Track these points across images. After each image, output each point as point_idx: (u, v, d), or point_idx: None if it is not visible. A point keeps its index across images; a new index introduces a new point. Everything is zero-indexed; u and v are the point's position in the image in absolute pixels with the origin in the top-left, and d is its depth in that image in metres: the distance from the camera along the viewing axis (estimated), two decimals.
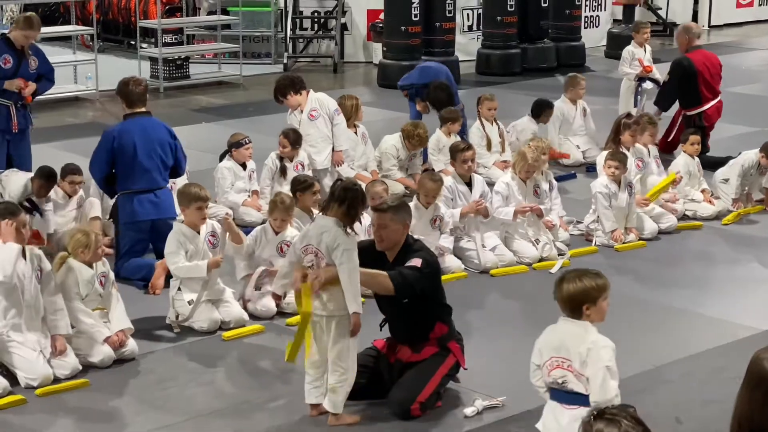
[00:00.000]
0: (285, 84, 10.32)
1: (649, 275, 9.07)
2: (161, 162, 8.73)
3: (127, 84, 8.74)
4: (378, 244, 6.58)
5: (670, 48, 20.71)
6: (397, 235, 6.53)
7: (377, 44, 17.71)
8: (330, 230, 6.24)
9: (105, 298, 7.25)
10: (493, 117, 11.67)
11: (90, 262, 7.19)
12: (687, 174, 10.52)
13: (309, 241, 6.33)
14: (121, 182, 8.64)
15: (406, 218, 6.59)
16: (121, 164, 8.60)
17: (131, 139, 8.57)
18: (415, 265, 6.43)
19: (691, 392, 6.90)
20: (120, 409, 6.64)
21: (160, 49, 16.39)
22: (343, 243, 6.20)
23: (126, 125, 8.67)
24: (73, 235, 7.25)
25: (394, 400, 6.47)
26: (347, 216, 6.27)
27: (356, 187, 6.42)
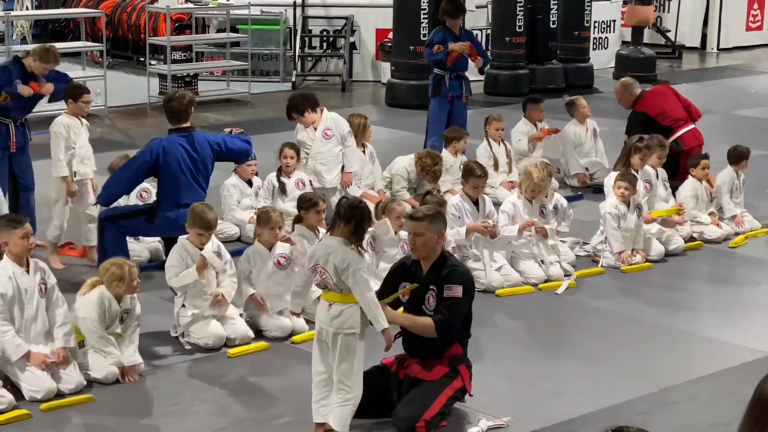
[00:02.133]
0: (302, 101, 10.30)
1: (655, 297, 9.05)
2: (204, 178, 8.77)
3: (169, 100, 8.77)
4: (413, 253, 6.62)
5: (679, 71, 20.76)
6: (432, 244, 6.54)
7: (386, 63, 17.74)
8: (337, 250, 6.24)
9: (123, 330, 7.24)
10: (501, 137, 11.69)
11: (123, 295, 7.16)
12: (695, 198, 10.51)
13: (317, 261, 6.34)
14: (166, 193, 8.63)
15: (441, 228, 6.60)
16: (165, 179, 8.61)
17: (177, 154, 8.58)
18: (455, 296, 6.46)
19: (697, 415, 6.88)
20: (124, 425, 6.63)
21: (169, 66, 16.44)
22: (353, 263, 6.20)
23: (171, 140, 8.66)
24: (107, 268, 7.16)
25: (400, 418, 6.46)
26: (354, 234, 6.28)
27: (362, 205, 6.43)
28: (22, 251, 6.92)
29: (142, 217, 8.68)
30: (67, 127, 9.25)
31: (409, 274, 6.64)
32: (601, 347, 7.94)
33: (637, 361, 7.69)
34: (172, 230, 8.52)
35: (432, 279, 6.55)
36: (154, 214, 8.63)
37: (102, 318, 7.08)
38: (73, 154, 9.24)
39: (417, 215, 6.66)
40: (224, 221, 10.04)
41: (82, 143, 9.31)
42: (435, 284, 6.53)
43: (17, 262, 6.93)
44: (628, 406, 6.91)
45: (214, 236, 8.08)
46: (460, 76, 12.09)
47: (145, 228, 8.77)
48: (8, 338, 6.80)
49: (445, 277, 6.51)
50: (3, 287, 6.81)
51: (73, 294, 7.45)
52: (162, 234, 8.90)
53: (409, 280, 6.61)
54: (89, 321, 7.06)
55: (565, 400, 7.01)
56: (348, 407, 6.29)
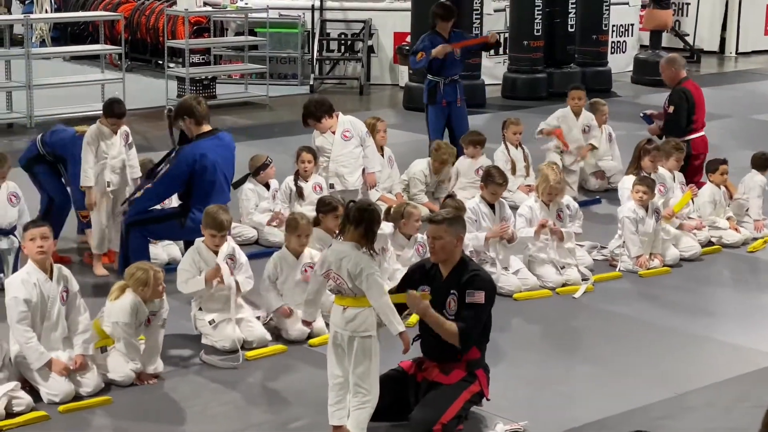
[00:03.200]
0: (318, 107, 10.29)
1: (673, 301, 9.03)
2: (231, 177, 8.92)
3: (191, 104, 8.76)
4: (432, 256, 6.63)
5: (697, 75, 20.68)
6: (451, 247, 6.54)
7: (403, 67, 17.74)
8: (349, 255, 6.25)
9: (147, 333, 7.26)
10: (518, 141, 11.68)
11: (149, 299, 7.17)
12: (712, 203, 10.47)
13: (329, 267, 6.34)
14: (198, 198, 8.65)
15: (460, 231, 6.61)
16: (201, 183, 8.64)
17: (213, 159, 8.64)
18: (477, 302, 6.47)
19: (715, 420, 6.86)
20: (142, 427, 6.66)
21: (188, 69, 16.48)
22: (366, 268, 6.21)
23: (206, 145, 8.71)
24: (132, 273, 7.16)
25: (417, 421, 6.46)
26: (365, 238, 6.29)
27: (371, 208, 6.43)
28: (30, 253, 6.95)
29: (173, 221, 8.71)
30: (98, 137, 9.19)
31: (429, 278, 6.64)
32: (618, 352, 7.93)
33: (654, 365, 7.67)
34: (199, 233, 8.56)
35: (452, 283, 6.55)
36: (184, 217, 8.66)
37: (133, 322, 7.10)
38: (104, 164, 9.17)
39: (437, 218, 6.66)
40: (242, 224, 10.06)
41: (115, 153, 9.24)
42: (456, 288, 6.53)
43: (41, 268, 6.95)
44: (645, 411, 6.89)
45: (231, 239, 8.10)
46: (453, 81, 12.02)
47: (175, 232, 8.80)
48: (32, 345, 6.83)
49: (466, 282, 6.51)
50: (28, 293, 6.83)
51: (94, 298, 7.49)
52: (191, 237, 8.90)
53: (428, 283, 6.61)
54: (121, 326, 7.06)
55: (582, 404, 7.00)
56: (365, 410, 6.29)
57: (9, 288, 6.95)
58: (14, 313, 6.83)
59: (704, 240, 10.24)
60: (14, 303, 6.83)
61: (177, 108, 8.93)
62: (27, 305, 6.82)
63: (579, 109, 12.06)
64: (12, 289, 6.89)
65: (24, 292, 6.83)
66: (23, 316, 6.81)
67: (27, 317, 6.83)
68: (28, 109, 14.72)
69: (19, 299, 6.81)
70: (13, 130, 14.79)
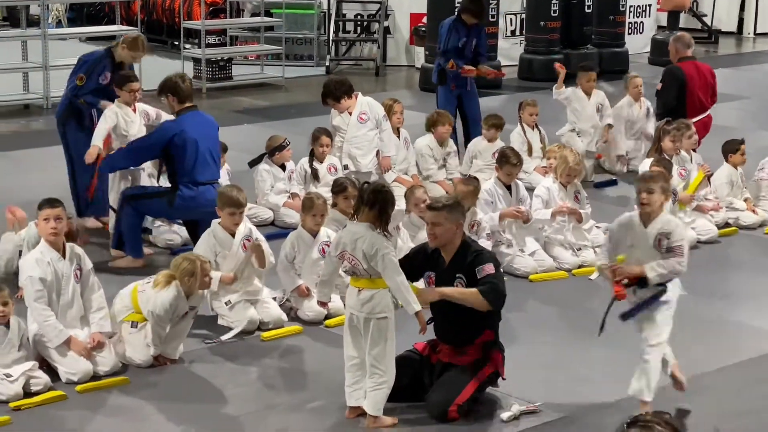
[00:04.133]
0: (338, 87, 10.30)
1: (688, 284, 8.94)
2: (217, 155, 8.95)
3: (175, 82, 8.84)
4: (431, 242, 6.62)
5: (715, 55, 20.61)
6: (450, 234, 6.54)
7: (420, 48, 17.72)
8: (364, 236, 6.26)
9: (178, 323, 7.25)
10: (535, 122, 11.66)
11: (194, 291, 7.16)
12: (730, 184, 10.44)
13: (344, 248, 6.36)
14: (182, 174, 8.70)
15: (459, 218, 6.60)
16: (182, 158, 8.68)
17: (192, 135, 8.69)
18: (489, 272, 6.46)
19: (731, 402, 6.86)
20: (158, 407, 6.69)
21: (204, 50, 16.49)
22: (381, 248, 6.22)
23: (185, 121, 8.77)
24: (179, 264, 7.14)
25: (432, 403, 6.48)
26: (379, 219, 6.30)
27: (385, 189, 6.44)
28: (44, 234, 6.98)
29: (163, 198, 8.77)
30: (117, 115, 9.27)
31: (432, 262, 6.64)
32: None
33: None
34: (192, 210, 8.63)
35: (457, 267, 6.55)
36: (173, 195, 8.71)
37: (169, 317, 7.11)
38: (124, 141, 9.26)
39: (436, 206, 6.64)
40: (258, 206, 10.08)
41: (135, 131, 9.32)
42: (462, 272, 6.52)
43: (54, 247, 6.98)
44: (660, 392, 6.88)
45: (247, 220, 8.12)
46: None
47: (166, 209, 8.85)
48: (51, 323, 6.87)
49: (471, 263, 6.50)
50: (42, 272, 6.87)
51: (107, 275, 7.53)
52: (183, 216, 8.97)
53: (432, 268, 6.61)
54: (157, 317, 7.06)
55: (597, 386, 7.01)
56: (382, 391, 6.31)
57: (24, 268, 7.00)
58: (31, 292, 6.88)
59: (721, 221, 10.21)
60: (30, 282, 6.87)
61: (161, 84, 8.98)
62: (42, 284, 6.86)
63: (590, 89, 11.98)
64: (27, 268, 6.94)
65: (38, 270, 6.86)
66: (40, 295, 6.85)
67: (43, 296, 6.87)
68: (45, 90, 14.75)
69: (35, 278, 6.85)
70: (29, 111, 14.84)
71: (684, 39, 11.51)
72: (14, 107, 14.90)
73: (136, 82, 9.50)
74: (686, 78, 11.16)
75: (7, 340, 6.71)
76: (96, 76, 9.69)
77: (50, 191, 9.14)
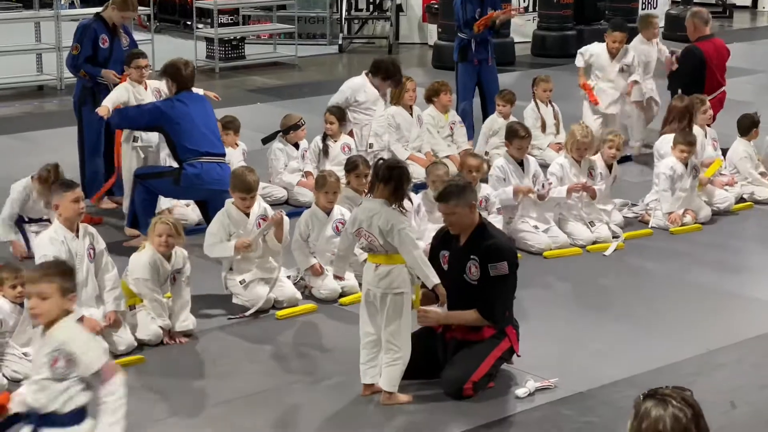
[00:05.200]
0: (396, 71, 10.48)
1: (704, 259, 8.99)
2: (215, 132, 8.92)
3: (178, 68, 8.82)
4: (451, 229, 6.64)
5: (730, 30, 20.49)
6: (465, 218, 6.54)
7: (432, 25, 17.66)
8: (380, 212, 6.27)
9: (173, 291, 7.30)
10: (548, 98, 11.62)
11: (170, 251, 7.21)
12: (748, 159, 10.40)
13: (360, 225, 6.36)
14: (184, 148, 8.70)
15: (470, 200, 6.58)
16: (179, 133, 8.68)
17: (185, 109, 8.70)
18: (502, 273, 6.46)
19: (746, 377, 6.85)
20: (174, 385, 6.72)
21: (216, 30, 16.47)
22: (397, 223, 6.23)
23: (177, 98, 8.79)
24: (153, 225, 7.23)
25: (447, 380, 6.49)
26: (394, 195, 6.30)
27: (400, 165, 6.45)
28: (72, 215, 7.00)
29: (170, 178, 8.77)
30: (128, 92, 9.26)
31: (447, 242, 6.64)
32: (648, 309, 7.92)
33: (684, 322, 7.66)
34: (198, 188, 8.63)
35: (472, 248, 6.53)
36: (178, 174, 8.72)
37: (155, 278, 7.15)
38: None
39: (444, 198, 6.60)
40: (271, 184, 10.08)
41: None
42: (476, 254, 6.51)
43: (68, 226, 7.01)
44: (676, 367, 6.89)
45: (261, 199, 8.12)
46: (485, 40, 11.98)
47: (173, 188, 8.85)
48: None
49: (486, 253, 6.47)
50: (56, 251, 6.89)
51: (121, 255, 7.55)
52: (190, 195, 8.96)
53: (446, 248, 6.62)
54: (142, 281, 7.14)
55: (612, 361, 7.00)
56: (397, 367, 6.33)
57: (38, 247, 7.04)
58: None
59: (737, 195, 10.17)
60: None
61: (165, 66, 8.99)
62: None
63: (616, 51, 11.78)
64: (41, 248, 6.97)
65: (53, 249, 6.88)
66: None
67: None
68: (58, 72, 14.76)
69: (49, 257, 6.86)
70: (43, 92, 14.86)
71: (702, 15, 11.42)
72: (28, 88, 14.92)
73: (144, 59, 9.49)
74: (705, 59, 11.09)
75: (22, 319, 6.74)
76: (89, 42, 9.67)
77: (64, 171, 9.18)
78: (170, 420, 6.31)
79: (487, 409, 6.36)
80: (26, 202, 8.70)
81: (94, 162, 9.77)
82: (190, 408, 6.45)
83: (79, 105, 9.87)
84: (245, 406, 6.44)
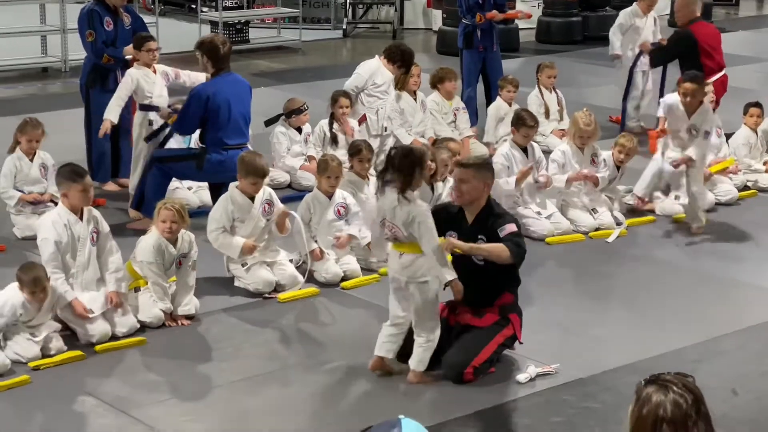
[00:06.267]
0: (410, 58, 10.42)
1: (706, 246, 8.98)
2: (248, 117, 8.88)
3: (216, 45, 8.74)
4: (456, 199, 6.64)
5: (736, 18, 20.44)
6: (477, 192, 6.53)
7: (437, 11, 17.64)
8: (401, 204, 6.33)
9: (178, 275, 7.29)
10: (553, 85, 11.60)
11: (177, 236, 7.20)
12: (747, 146, 10.39)
13: (384, 215, 6.43)
14: (213, 137, 8.68)
15: (488, 178, 6.60)
16: (215, 121, 8.64)
17: (225, 97, 8.63)
18: (511, 230, 6.47)
19: (748, 364, 6.85)
20: (175, 367, 6.72)
21: (221, 13, 16.45)
22: (417, 215, 6.29)
23: (218, 83, 8.72)
24: (159, 210, 7.20)
25: (449, 364, 6.50)
26: (409, 183, 6.33)
27: (414, 152, 6.46)
28: (79, 204, 7.00)
29: (192, 162, 8.74)
30: (136, 79, 9.25)
31: (456, 222, 6.63)
32: (651, 296, 7.92)
33: (687, 309, 7.66)
34: (220, 174, 8.59)
35: (479, 228, 6.54)
36: (202, 158, 8.69)
37: (160, 262, 7.15)
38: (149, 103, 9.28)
39: (465, 162, 6.71)
40: (275, 168, 10.07)
41: (158, 92, 9.31)
42: (483, 233, 6.51)
43: (72, 210, 7.00)
44: (678, 354, 6.89)
45: (266, 185, 8.11)
46: (490, 26, 11.96)
47: (194, 172, 8.83)
48: (57, 285, 6.87)
49: (493, 225, 6.50)
50: (58, 235, 6.89)
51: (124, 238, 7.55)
52: (211, 179, 8.95)
53: (454, 228, 6.59)
54: (147, 265, 7.14)
55: (614, 348, 7.00)
56: (429, 350, 6.43)
57: (40, 229, 7.03)
58: (45, 254, 6.90)
59: (740, 184, 10.16)
60: (44, 244, 6.90)
61: (201, 40, 8.94)
62: (57, 246, 6.87)
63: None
64: (43, 230, 6.96)
65: (54, 233, 6.88)
66: (53, 257, 6.87)
67: (56, 258, 6.88)
68: (63, 54, 14.75)
69: (49, 240, 6.87)
70: (47, 74, 14.85)
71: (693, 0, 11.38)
72: (32, 70, 14.90)
73: (154, 41, 9.48)
74: (696, 39, 11.01)
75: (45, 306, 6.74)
76: (99, 26, 9.68)
77: (68, 153, 9.21)
78: (171, 401, 6.32)
79: (488, 394, 6.37)
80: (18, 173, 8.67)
81: (102, 144, 9.76)
82: (191, 389, 6.46)
83: (87, 87, 9.85)
84: (246, 389, 6.45)
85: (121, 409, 6.15)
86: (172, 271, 7.25)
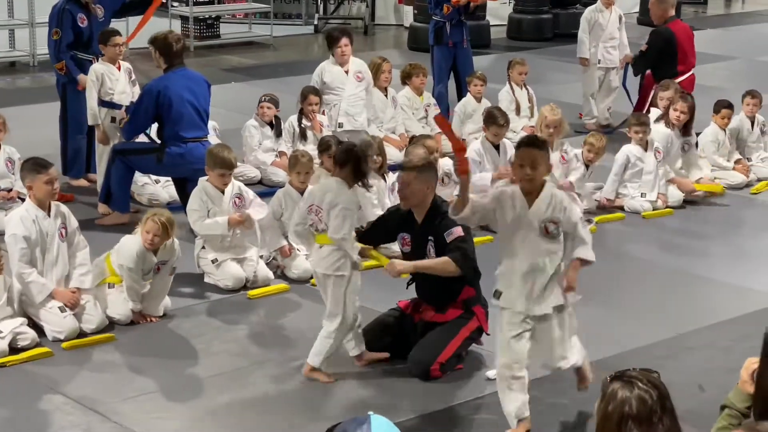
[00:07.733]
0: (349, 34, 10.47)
1: (675, 243, 9.04)
2: (204, 113, 8.84)
3: (169, 42, 8.72)
4: (402, 202, 6.63)
5: (704, 16, 20.55)
6: (421, 195, 6.53)
7: (408, 7, 17.63)
8: (333, 190, 6.36)
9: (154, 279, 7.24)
10: (524, 81, 11.63)
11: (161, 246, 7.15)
12: (716, 143, 10.45)
13: (312, 201, 6.42)
14: (170, 131, 8.66)
15: (430, 179, 6.59)
16: (168, 116, 8.62)
17: (177, 91, 8.62)
18: (458, 235, 6.44)
19: (715, 360, 6.90)
20: (144, 364, 6.70)
21: (191, 8, 16.39)
22: (342, 203, 6.29)
23: (169, 78, 8.71)
24: (145, 220, 7.13)
25: (414, 361, 6.50)
26: (353, 176, 6.37)
27: (354, 148, 6.51)
28: (45, 196, 6.95)
29: (152, 155, 8.73)
30: (101, 74, 9.22)
31: (408, 224, 6.62)
32: (619, 292, 7.96)
33: (655, 306, 7.70)
34: (180, 167, 8.61)
35: (428, 229, 6.54)
36: (162, 152, 8.68)
37: (139, 267, 7.10)
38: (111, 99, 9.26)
39: (407, 165, 6.72)
40: (245, 164, 10.04)
41: (121, 88, 9.29)
42: (432, 234, 6.53)
43: (40, 206, 6.96)
44: (646, 350, 6.93)
45: (234, 179, 8.10)
46: (460, 22, 11.98)
47: (155, 165, 8.82)
48: (32, 279, 6.85)
49: (439, 226, 6.49)
50: (27, 230, 6.85)
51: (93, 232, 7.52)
52: (172, 173, 8.93)
53: (407, 229, 6.61)
54: (128, 270, 7.08)
55: (584, 343, 6.99)
56: (328, 342, 6.41)
57: (8, 225, 6.99)
58: (14, 251, 6.86)
59: (708, 181, 10.21)
60: (13, 240, 6.86)
61: (154, 36, 8.89)
62: (26, 242, 6.84)
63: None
64: (11, 225, 6.92)
65: (22, 228, 6.84)
66: (23, 253, 6.83)
67: (26, 254, 6.85)
68: (31, 48, 14.66)
69: (18, 236, 6.83)
70: (15, 68, 14.76)
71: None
72: (0, 65, 14.80)
73: (119, 36, 9.45)
74: (676, 39, 11.08)
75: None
76: (69, 27, 9.60)
77: (37, 148, 9.12)
78: (140, 398, 6.30)
79: (456, 391, 6.38)
80: None
81: (77, 140, 9.72)
82: (161, 386, 6.44)
83: (64, 84, 9.76)
84: (216, 385, 6.43)
85: (90, 407, 6.13)
86: (149, 275, 7.20)
